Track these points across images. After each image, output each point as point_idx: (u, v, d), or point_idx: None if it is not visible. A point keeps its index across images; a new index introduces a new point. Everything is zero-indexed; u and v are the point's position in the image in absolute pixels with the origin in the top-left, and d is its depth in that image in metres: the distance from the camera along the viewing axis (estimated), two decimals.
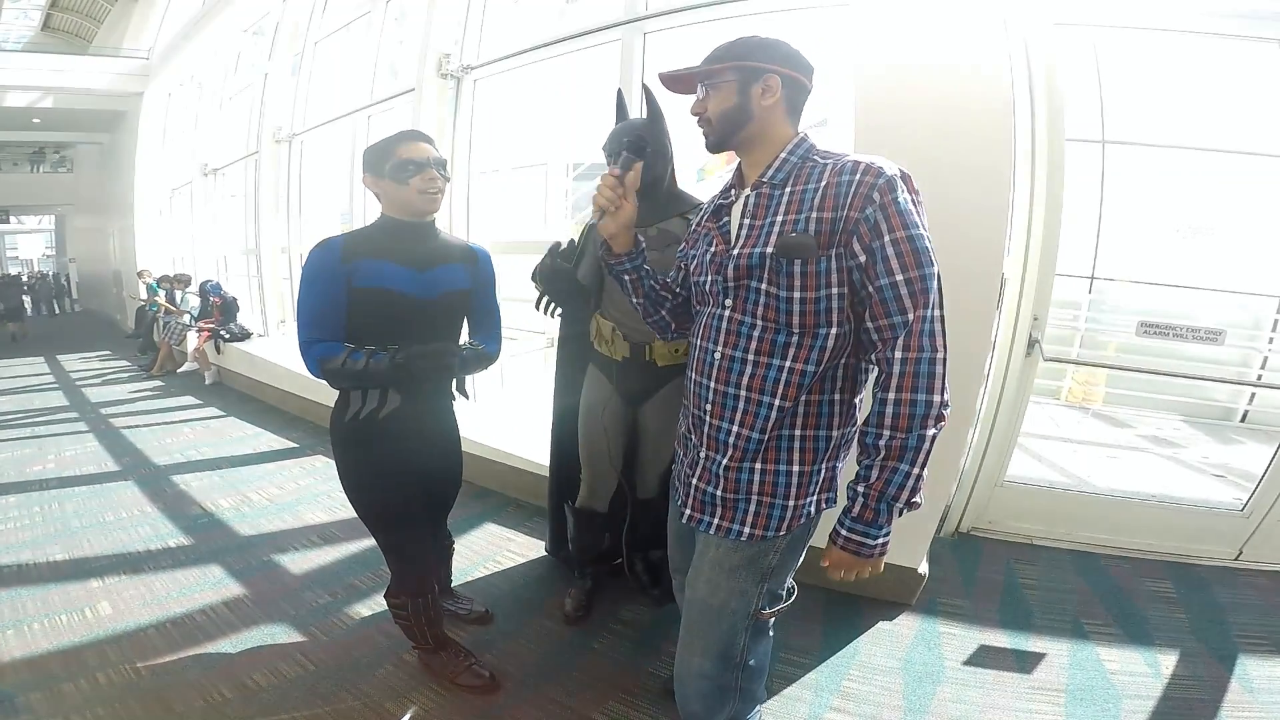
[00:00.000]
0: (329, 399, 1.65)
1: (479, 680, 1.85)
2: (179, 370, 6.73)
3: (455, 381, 1.77)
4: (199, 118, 8.03)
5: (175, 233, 9.06)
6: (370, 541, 2.09)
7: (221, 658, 1.99)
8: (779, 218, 1.06)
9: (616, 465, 2.07)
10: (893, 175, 0.99)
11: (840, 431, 1.15)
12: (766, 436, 1.11)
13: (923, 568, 2.29)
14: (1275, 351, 4.33)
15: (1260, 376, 4.36)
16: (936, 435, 0.99)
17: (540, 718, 1.76)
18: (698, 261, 1.22)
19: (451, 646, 1.91)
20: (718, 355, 1.14)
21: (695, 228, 1.30)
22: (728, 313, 1.13)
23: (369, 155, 1.52)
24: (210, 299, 6.48)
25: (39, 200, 16.64)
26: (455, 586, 2.30)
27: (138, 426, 4.74)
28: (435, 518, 1.90)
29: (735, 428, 1.13)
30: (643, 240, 1.35)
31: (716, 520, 1.18)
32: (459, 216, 3.91)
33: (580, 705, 1.81)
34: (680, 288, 1.38)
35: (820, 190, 1.03)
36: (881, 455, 1.00)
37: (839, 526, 1.07)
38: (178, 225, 9.01)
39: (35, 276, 17.70)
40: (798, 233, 1.03)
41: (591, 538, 2.19)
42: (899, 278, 0.98)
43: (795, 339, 1.07)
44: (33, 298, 15.47)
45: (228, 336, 6.11)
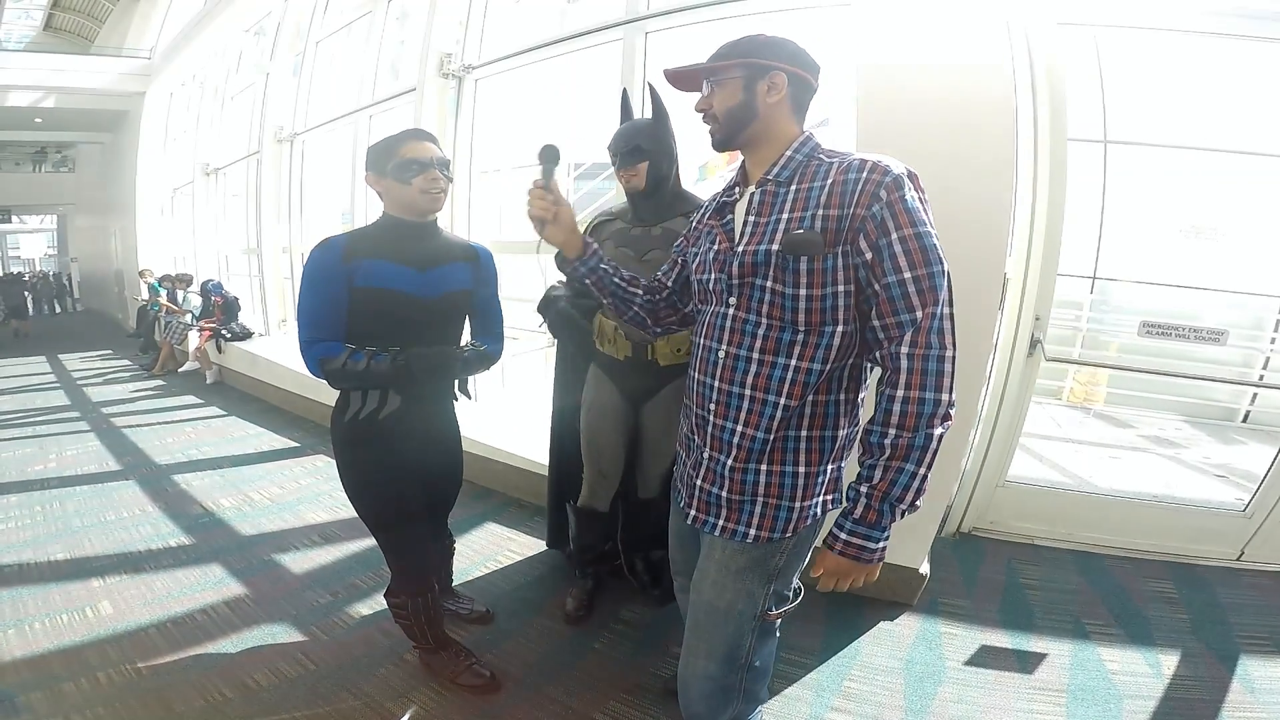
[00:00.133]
0: (330, 398, 1.64)
1: (479, 680, 1.85)
2: (180, 370, 6.73)
3: (457, 382, 1.76)
4: (200, 117, 8.04)
5: (177, 232, 9.07)
6: (371, 541, 2.09)
7: (222, 657, 1.99)
8: (784, 215, 1.05)
9: (618, 465, 2.07)
10: (899, 174, 0.99)
11: (846, 432, 1.14)
12: (772, 436, 1.10)
13: (924, 568, 2.29)
14: (1277, 352, 4.32)
15: (1262, 377, 4.35)
16: (943, 435, 0.98)
17: (541, 717, 1.76)
18: (700, 259, 1.20)
19: (452, 646, 1.91)
20: (722, 354, 1.13)
21: (696, 225, 1.29)
22: (732, 310, 1.11)
23: (372, 154, 1.52)
24: (212, 298, 6.50)
25: (41, 200, 16.65)
26: (456, 586, 2.30)
27: (139, 426, 4.74)
28: (436, 517, 1.89)
29: (740, 427, 1.11)
30: (594, 242, 1.34)
31: (721, 522, 1.17)
32: (460, 216, 3.92)
33: (581, 705, 1.80)
34: (672, 282, 1.37)
35: (826, 188, 1.02)
36: (887, 454, 0.98)
37: (837, 530, 1.04)
38: (179, 225, 9.02)
39: (36, 276, 17.73)
40: (804, 229, 1.02)
41: (592, 537, 2.19)
42: (906, 275, 0.97)
43: (801, 337, 1.06)
44: (34, 296, 15.49)
45: (229, 336, 6.12)
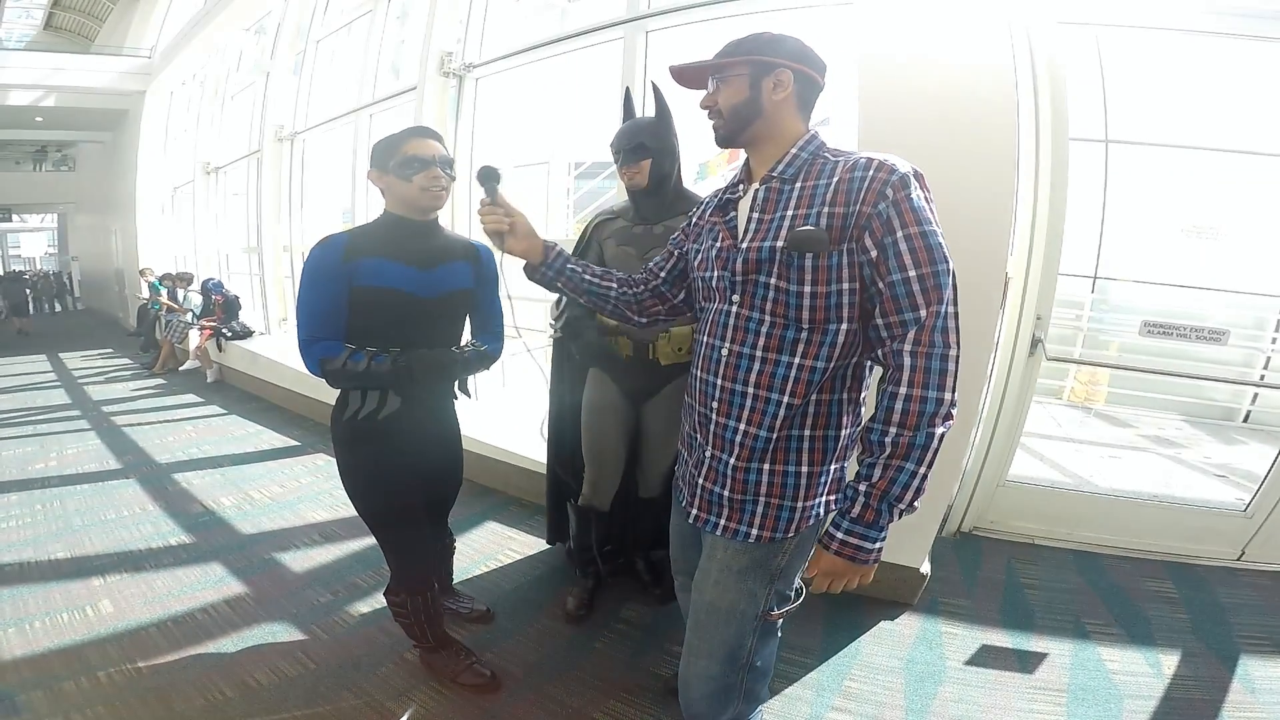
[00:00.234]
0: (330, 397, 1.64)
1: (480, 679, 1.85)
2: (181, 368, 6.74)
3: (457, 381, 1.76)
4: (201, 116, 8.04)
5: (177, 231, 9.07)
6: (371, 540, 2.09)
7: (222, 656, 1.99)
8: (789, 212, 1.05)
9: (619, 464, 2.07)
10: (906, 172, 0.98)
11: (849, 431, 1.14)
12: (775, 435, 1.09)
13: (924, 567, 2.29)
14: (1278, 352, 4.32)
15: (1263, 377, 4.35)
16: (944, 434, 0.97)
17: (542, 717, 1.76)
18: (703, 256, 1.19)
19: (452, 645, 1.91)
20: (725, 351, 1.12)
21: (697, 220, 1.28)
22: (735, 308, 1.11)
23: (376, 149, 1.51)
24: (212, 297, 6.50)
25: (41, 199, 16.63)
26: (456, 585, 2.30)
27: (139, 424, 4.74)
28: (436, 516, 1.89)
29: (743, 426, 1.11)
30: (557, 243, 1.37)
31: (724, 521, 1.16)
32: (461, 215, 3.92)
33: (582, 704, 1.80)
34: (665, 273, 1.36)
35: (832, 186, 1.02)
36: (887, 453, 0.98)
37: (834, 529, 1.03)
38: (180, 224, 9.02)
39: (37, 275, 17.73)
40: (809, 226, 1.01)
41: (593, 537, 2.19)
42: (911, 274, 0.96)
43: (805, 335, 1.05)
44: (34, 295, 15.48)
45: (229, 335, 6.12)
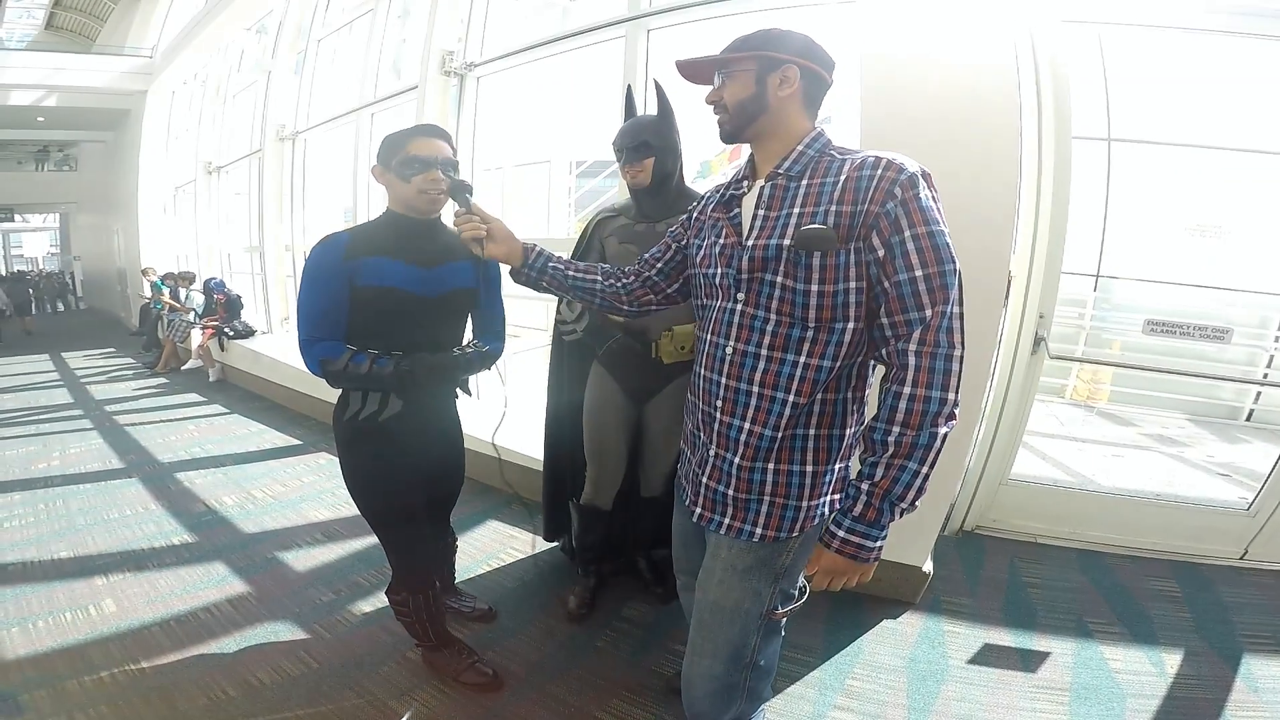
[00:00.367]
0: (332, 396, 1.64)
1: (482, 678, 1.85)
2: (183, 367, 6.75)
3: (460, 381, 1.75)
4: (202, 116, 8.04)
5: (179, 230, 9.07)
6: (373, 538, 2.09)
7: (225, 655, 1.99)
8: (795, 210, 1.04)
9: (621, 463, 2.07)
10: (914, 172, 0.98)
11: (853, 430, 1.14)
12: (780, 434, 1.09)
13: (927, 566, 2.29)
14: None
15: (1266, 375, 4.34)
16: (947, 434, 0.97)
17: (543, 716, 1.76)
18: (705, 253, 1.19)
19: (454, 644, 1.91)
20: (729, 350, 1.11)
21: (699, 215, 1.27)
22: (739, 306, 1.10)
23: (383, 145, 1.50)
24: (214, 296, 6.50)
25: (43, 199, 16.65)
26: (458, 584, 2.30)
27: (142, 424, 4.75)
28: (438, 515, 1.89)
29: (747, 425, 1.10)
30: (535, 244, 1.39)
31: (728, 520, 1.16)
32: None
33: (584, 703, 1.80)
34: (662, 263, 1.36)
35: (840, 184, 1.01)
36: (890, 452, 0.97)
37: (835, 528, 1.03)
38: (181, 223, 9.02)
39: (39, 274, 17.77)
40: (817, 224, 1.01)
41: (595, 535, 2.19)
42: (918, 273, 0.96)
43: (811, 334, 1.05)
44: (36, 295, 15.51)
45: (231, 334, 6.13)
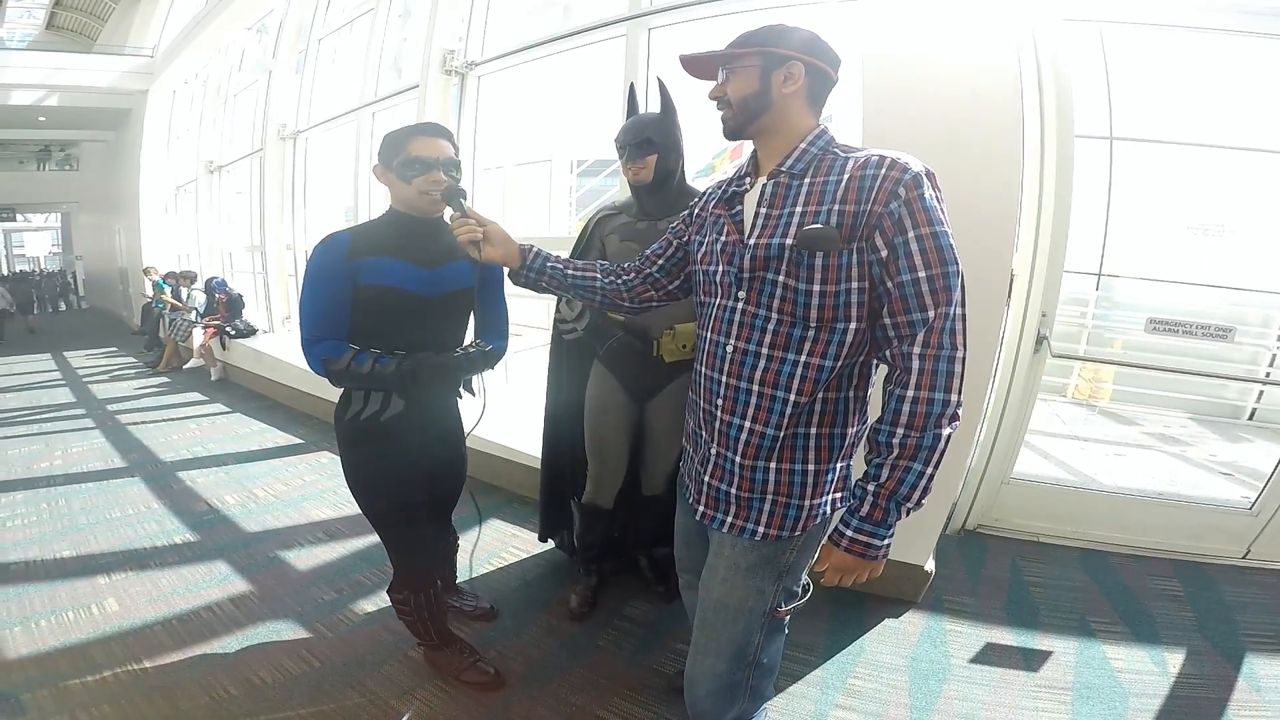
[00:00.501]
0: (334, 395, 1.63)
1: (484, 677, 1.85)
2: (185, 366, 6.76)
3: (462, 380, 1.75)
4: (203, 115, 8.05)
5: (181, 230, 9.09)
6: (375, 537, 2.10)
7: (227, 654, 2.00)
8: (798, 208, 1.04)
9: (623, 462, 2.07)
10: (918, 172, 0.97)
11: (855, 429, 1.14)
12: (782, 433, 1.09)
13: (929, 565, 2.29)
14: None
15: (1269, 374, 4.33)
16: (951, 435, 0.97)
17: (545, 715, 1.76)
18: (706, 250, 1.18)
19: (456, 643, 1.91)
20: (729, 349, 1.11)
21: (700, 211, 1.26)
22: (740, 305, 1.10)
23: (384, 144, 1.49)
24: (216, 295, 6.52)
25: (45, 198, 16.68)
26: (460, 583, 2.30)
27: (144, 423, 4.75)
28: (440, 514, 1.89)
29: (747, 423, 1.10)
30: (533, 244, 1.40)
31: (730, 519, 1.16)
32: None
33: (585, 702, 1.80)
34: (663, 260, 1.36)
35: (843, 183, 1.01)
36: (895, 454, 0.98)
37: (843, 527, 1.04)
38: (183, 222, 9.04)
39: (41, 274, 17.80)
40: (820, 224, 1.00)
41: (597, 534, 2.19)
42: (921, 274, 0.96)
43: (812, 333, 1.04)
44: (37, 295, 15.53)
45: (233, 333, 6.14)
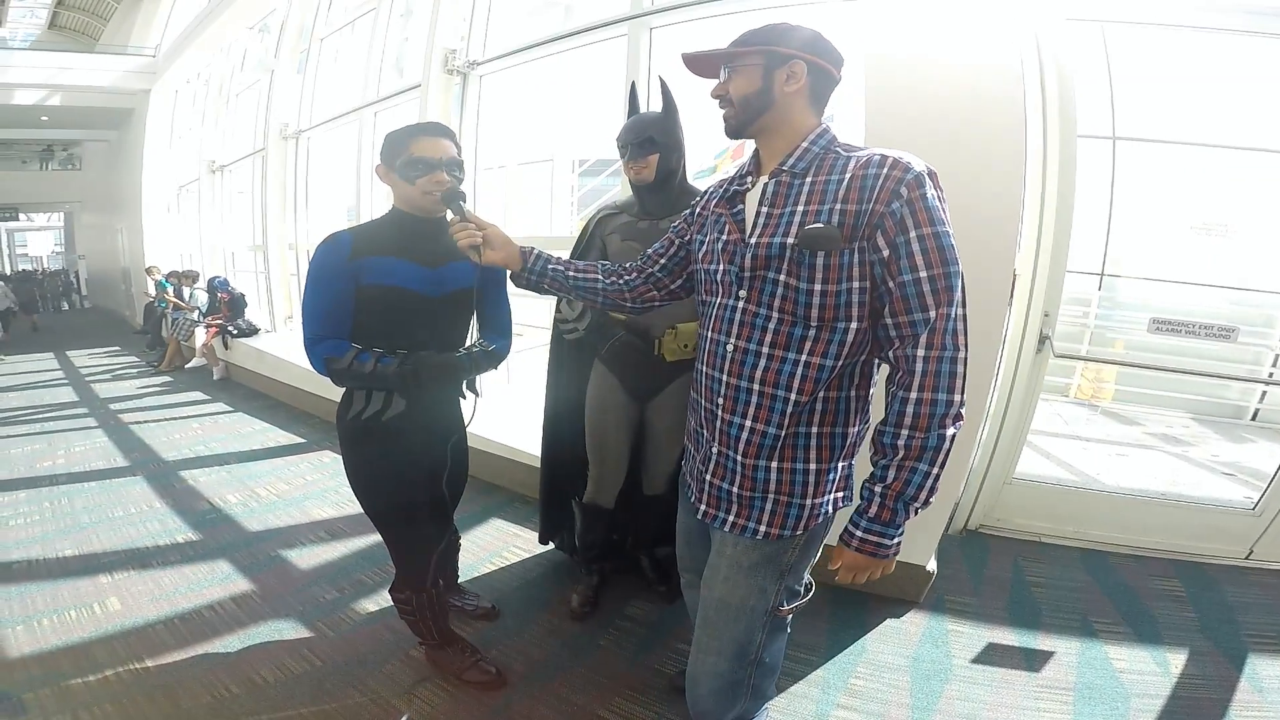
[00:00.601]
0: (336, 395, 1.63)
1: (485, 676, 1.85)
2: (187, 366, 6.76)
3: (465, 381, 1.74)
4: (205, 115, 8.06)
5: (183, 229, 9.11)
6: (377, 537, 2.10)
7: (229, 653, 2.00)
8: (799, 207, 1.04)
9: (624, 462, 2.07)
10: (921, 171, 0.97)
11: (856, 429, 1.14)
12: (784, 432, 1.09)
13: (931, 565, 2.28)
14: None
15: (1272, 374, 4.32)
16: (955, 435, 0.98)
17: (547, 714, 1.76)
18: (708, 248, 1.18)
19: (458, 642, 1.91)
20: (730, 348, 1.11)
21: (701, 210, 1.26)
22: (741, 304, 1.10)
23: (386, 144, 1.49)
24: (218, 295, 6.52)
25: (48, 198, 16.68)
26: (462, 582, 2.30)
27: (146, 422, 4.76)
28: (442, 514, 1.89)
29: (748, 422, 1.10)
30: (533, 246, 1.40)
31: (732, 518, 1.16)
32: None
33: (587, 702, 1.81)
34: (665, 259, 1.36)
35: (845, 182, 1.01)
36: (900, 455, 0.98)
37: (853, 528, 1.04)
38: (185, 222, 9.06)
39: (44, 273, 17.83)
40: (821, 224, 1.00)
41: (598, 534, 2.19)
42: (923, 274, 0.96)
43: (813, 333, 1.04)
44: (40, 294, 15.54)
45: (235, 332, 6.15)
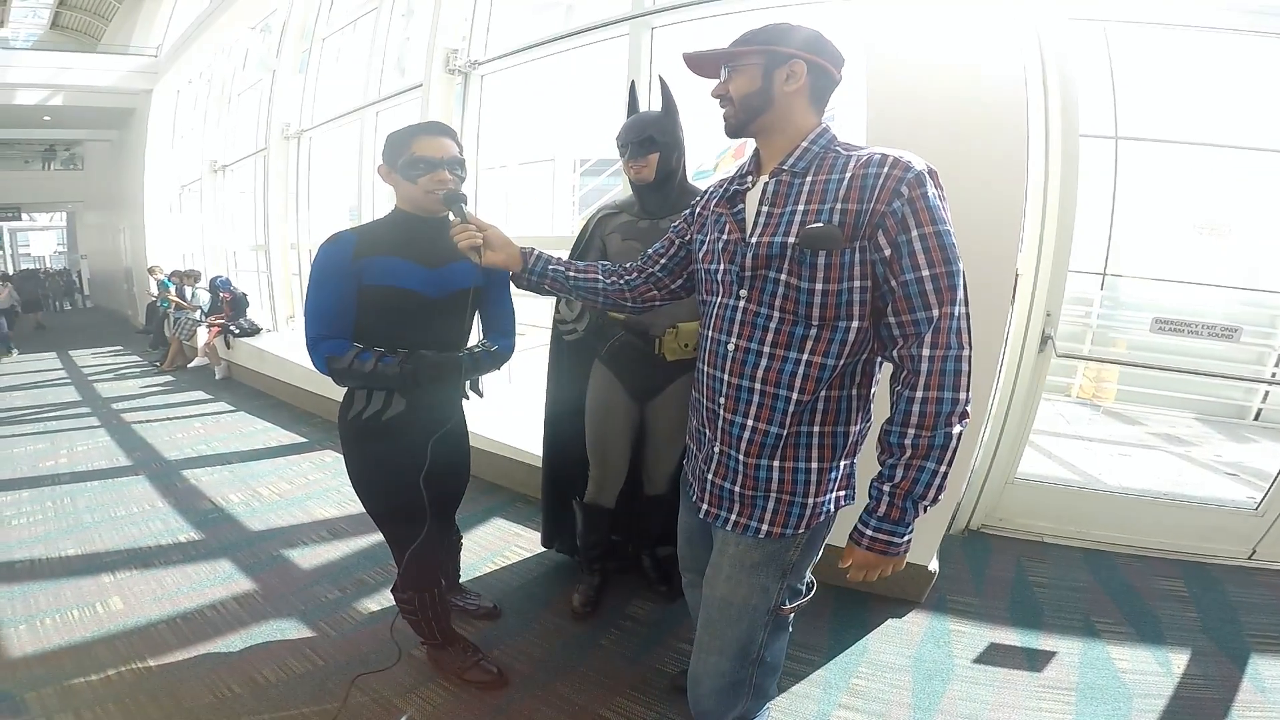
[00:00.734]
0: (338, 394, 1.64)
1: (487, 676, 1.85)
2: (189, 365, 6.76)
3: (469, 381, 1.74)
4: (207, 115, 8.07)
5: (185, 229, 9.12)
6: (379, 536, 2.10)
7: (231, 653, 2.00)
8: (799, 207, 1.04)
9: (624, 462, 2.06)
10: (921, 170, 0.97)
11: (858, 428, 1.14)
12: (785, 431, 1.09)
13: (933, 565, 2.28)
14: None
15: (1275, 374, 4.31)
16: (962, 432, 0.98)
17: (548, 714, 1.76)
18: (708, 248, 1.18)
19: (459, 642, 1.91)
20: (731, 347, 1.11)
21: (702, 209, 1.27)
22: (742, 303, 1.10)
23: (388, 144, 1.49)
24: (220, 294, 6.53)
25: (50, 197, 16.70)
26: (463, 582, 2.31)
27: (149, 421, 4.77)
28: (443, 513, 1.89)
29: (750, 422, 1.10)
30: (534, 247, 1.41)
31: (734, 517, 1.16)
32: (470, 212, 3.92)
33: (588, 701, 1.81)
34: (666, 259, 1.36)
35: (845, 181, 1.01)
36: (908, 454, 0.98)
37: (863, 527, 1.05)
38: (187, 221, 9.07)
39: (46, 274, 17.85)
40: (822, 223, 1.00)
41: (599, 534, 2.19)
42: (925, 273, 0.96)
43: (814, 332, 1.05)
44: (42, 293, 15.55)
45: (237, 332, 6.15)
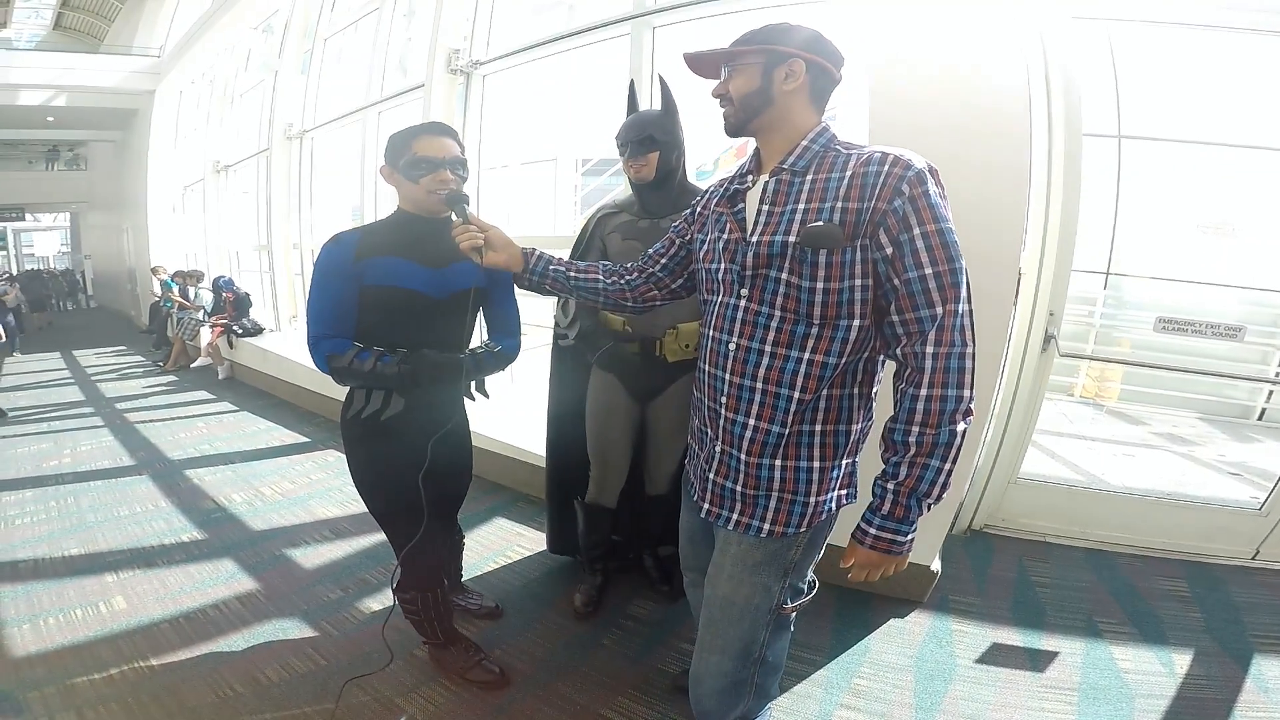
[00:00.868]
0: (341, 394, 1.64)
1: (489, 676, 1.85)
2: (192, 365, 6.78)
3: (475, 382, 1.74)
4: (210, 115, 8.08)
5: (188, 229, 9.13)
6: (381, 536, 2.10)
7: (233, 652, 2.01)
8: (800, 205, 1.04)
9: (625, 462, 2.06)
10: (922, 168, 0.97)
11: (860, 426, 1.14)
12: (787, 430, 1.09)
13: (935, 565, 2.28)
14: None
15: (1279, 374, 4.30)
16: (966, 430, 0.98)
17: (550, 714, 1.76)
18: (709, 247, 1.18)
19: (461, 642, 1.91)
20: (732, 346, 1.11)
21: (702, 209, 1.27)
22: (743, 303, 1.10)
23: (389, 144, 1.49)
24: (223, 294, 6.55)
25: (54, 198, 16.74)
26: (465, 582, 2.31)
27: (152, 421, 4.78)
28: (446, 513, 1.90)
29: (752, 421, 1.10)
30: (535, 248, 1.41)
31: (736, 516, 1.16)
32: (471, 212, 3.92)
33: (590, 701, 1.81)
34: (666, 259, 1.36)
35: (846, 180, 1.01)
36: (912, 452, 0.98)
37: (866, 525, 1.04)
38: (190, 222, 9.08)
39: (50, 274, 17.90)
40: (822, 222, 1.00)
41: (601, 534, 2.19)
42: (928, 271, 0.96)
43: (815, 330, 1.04)
44: (47, 294, 15.58)
45: (240, 332, 6.17)
